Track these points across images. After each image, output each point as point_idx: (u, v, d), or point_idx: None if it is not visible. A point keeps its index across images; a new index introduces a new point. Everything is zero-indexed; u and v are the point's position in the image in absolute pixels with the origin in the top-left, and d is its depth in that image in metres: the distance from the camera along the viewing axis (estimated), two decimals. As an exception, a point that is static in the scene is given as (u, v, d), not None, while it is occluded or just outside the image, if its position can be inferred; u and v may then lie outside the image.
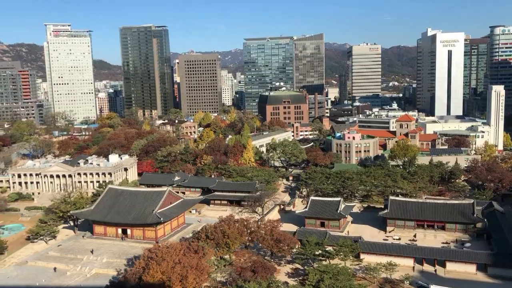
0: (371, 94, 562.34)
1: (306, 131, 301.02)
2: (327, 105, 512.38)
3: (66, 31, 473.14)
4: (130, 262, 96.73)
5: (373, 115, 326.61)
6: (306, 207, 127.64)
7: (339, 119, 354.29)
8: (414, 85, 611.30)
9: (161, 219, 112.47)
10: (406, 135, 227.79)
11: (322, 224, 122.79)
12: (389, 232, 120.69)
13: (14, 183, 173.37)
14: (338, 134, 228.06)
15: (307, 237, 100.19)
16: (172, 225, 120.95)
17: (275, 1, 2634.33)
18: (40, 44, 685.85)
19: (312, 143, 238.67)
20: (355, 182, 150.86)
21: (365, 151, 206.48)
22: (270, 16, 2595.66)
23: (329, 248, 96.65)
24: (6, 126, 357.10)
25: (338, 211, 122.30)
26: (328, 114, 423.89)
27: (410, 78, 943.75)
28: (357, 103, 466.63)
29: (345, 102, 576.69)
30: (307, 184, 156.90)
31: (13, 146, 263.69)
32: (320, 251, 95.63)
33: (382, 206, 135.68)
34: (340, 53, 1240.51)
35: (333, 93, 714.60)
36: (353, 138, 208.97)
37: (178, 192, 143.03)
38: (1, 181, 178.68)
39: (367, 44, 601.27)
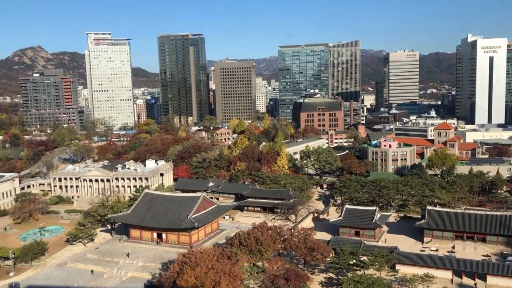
0: (408, 101, 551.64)
1: (341, 138, 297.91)
2: (362, 112, 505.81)
3: (106, 40, 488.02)
4: (165, 267, 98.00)
5: (410, 122, 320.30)
6: (340, 216, 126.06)
7: (375, 127, 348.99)
8: (453, 93, 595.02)
9: (195, 224, 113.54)
10: (445, 143, 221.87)
11: (357, 234, 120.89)
12: (426, 243, 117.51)
13: (55, 186, 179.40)
14: (374, 142, 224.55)
15: (341, 246, 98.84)
16: (206, 230, 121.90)
17: (311, 9, 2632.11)
18: (81, 52, 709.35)
19: (347, 151, 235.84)
20: (391, 191, 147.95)
21: (402, 159, 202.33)
22: (305, 23, 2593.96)
23: (363, 258, 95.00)
24: (48, 131, 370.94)
25: (374, 221, 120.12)
26: (363, 122, 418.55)
27: (449, 85, 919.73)
28: (394, 111, 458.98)
29: (382, 109, 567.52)
30: (341, 193, 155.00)
31: (55, 151, 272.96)
32: (354, 261, 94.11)
33: (419, 216, 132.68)
34: (376, 59, 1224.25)
35: (369, 100, 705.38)
36: (390, 146, 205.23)
37: (212, 198, 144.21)
38: (43, 184, 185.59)
39: (404, 51, 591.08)
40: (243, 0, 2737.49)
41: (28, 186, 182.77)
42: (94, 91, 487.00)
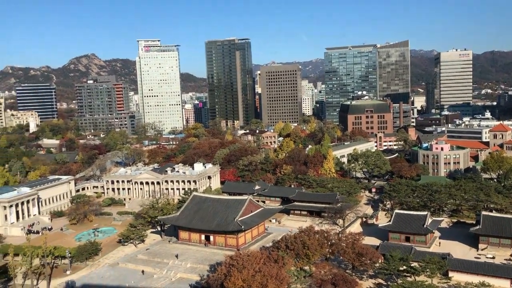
0: (461, 102, 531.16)
1: (390, 141, 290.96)
2: (412, 114, 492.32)
3: (156, 46, 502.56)
4: (213, 268, 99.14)
5: (463, 124, 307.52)
6: (390, 221, 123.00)
7: (426, 129, 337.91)
8: (510, 93, 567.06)
9: (242, 227, 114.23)
10: (501, 146, 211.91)
11: (407, 239, 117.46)
12: (482, 250, 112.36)
13: (107, 189, 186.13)
14: (425, 145, 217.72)
15: (391, 252, 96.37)
16: (253, 233, 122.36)
17: (359, 11, 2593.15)
18: (132, 59, 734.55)
19: (396, 154, 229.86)
20: (444, 195, 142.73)
21: (454, 163, 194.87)
22: (352, 25, 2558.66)
23: (414, 264, 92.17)
24: (102, 135, 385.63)
25: (425, 226, 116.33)
26: (414, 124, 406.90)
27: (505, 85, 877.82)
28: (445, 112, 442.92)
29: (433, 111, 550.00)
30: (391, 197, 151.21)
31: (108, 155, 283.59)
32: (404, 267, 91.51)
33: (474, 222, 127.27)
34: (427, 60, 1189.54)
35: (419, 101, 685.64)
36: (442, 149, 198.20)
37: (258, 201, 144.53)
38: (97, 187, 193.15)
39: (456, 50, 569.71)
40: (288, 4, 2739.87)
41: (83, 189, 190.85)
42: (145, 96, 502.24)
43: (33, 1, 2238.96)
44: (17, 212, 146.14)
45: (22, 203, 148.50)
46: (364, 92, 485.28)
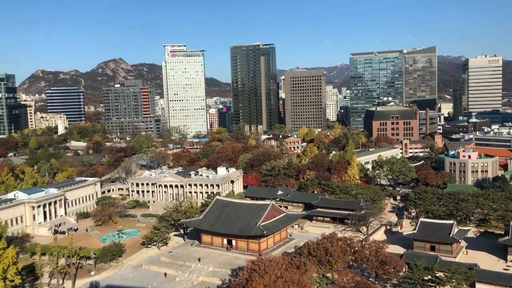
0: (490, 109, 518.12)
1: (416, 148, 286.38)
2: (439, 121, 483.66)
3: (182, 51, 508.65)
4: (234, 273, 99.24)
5: (492, 132, 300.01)
6: (414, 229, 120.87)
7: (453, 136, 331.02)
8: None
9: (264, 232, 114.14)
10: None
11: (432, 248, 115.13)
12: (510, 261, 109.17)
13: (132, 191, 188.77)
14: (451, 152, 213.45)
15: (415, 261, 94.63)
16: (275, 238, 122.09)
17: (385, 17, 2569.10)
18: (159, 64, 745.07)
19: (422, 161, 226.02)
20: (471, 204, 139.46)
21: (482, 171, 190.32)
22: (378, 30, 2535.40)
23: (439, 274, 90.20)
24: (128, 138, 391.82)
25: (451, 235, 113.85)
26: (440, 131, 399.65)
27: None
28: (473, 119, 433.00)
29: (460, 118, 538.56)
30: (416, 205, 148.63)
31: (133, 157, 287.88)
32: (429, 277, 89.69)
33: (502, 232, 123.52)
34: (454, 66, 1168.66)
35: (446, 108, 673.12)
36: (469, 157, 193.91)
37: (280, 206, 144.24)
38: (122, 189, 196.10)
39: (485, 56, 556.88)
40: (314, 10, 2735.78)
41: (108, 190, 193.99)
42: (170, 100, 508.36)
43: (64, 8, 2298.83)
44: (44, 213, 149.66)
45: (50, 204, 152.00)
46: (390, 98, 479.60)
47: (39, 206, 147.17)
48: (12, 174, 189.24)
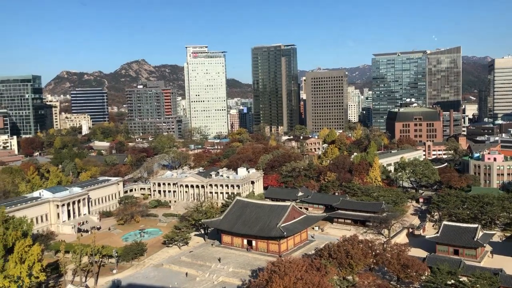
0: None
1: (439, 150, 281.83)
2: (464, 122, 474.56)
3: (204, 53, 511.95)
4: (254, 274, 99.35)
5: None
6: (437, 232, 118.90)
7: (477, 138, 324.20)
8: None
9: (285, 233, 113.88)
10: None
11: (456, 252, 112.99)
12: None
13: (154, 191, 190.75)
14: (476, 155, 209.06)
15: (438, 265, 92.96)
16: (295, 240, 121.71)
17: (408, 17, 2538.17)
18: (180, 65, 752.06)
19: (446, 164, 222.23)
20: (496, 208, 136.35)
21: (508, 174, 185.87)
22: (401, 31, 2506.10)
23: (463, 279, 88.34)
24: (150, 139, 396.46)
25: (475, 239, 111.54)
26: (465, 133, 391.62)
27: None
28: (499, 121, 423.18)
29: (485, 119, 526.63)
30: (439, 208, 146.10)
31: (155, 157, 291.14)
32: (452, 281, 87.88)
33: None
34: (479, 66, 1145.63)
35: (471, 110, 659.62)
36: (494, 159, 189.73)
37: (301, 208, 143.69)
38: (144, 188, 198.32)
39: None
40: (335, 11, 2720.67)
41: (131, 190, 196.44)
42: (192, 101, 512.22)
43: (87, 10, 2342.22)
44: (68, 211, 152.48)
45: (74, 203, 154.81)
46: (413, 99, 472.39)
47: (63, 205, 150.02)
48: (37, 173, 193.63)
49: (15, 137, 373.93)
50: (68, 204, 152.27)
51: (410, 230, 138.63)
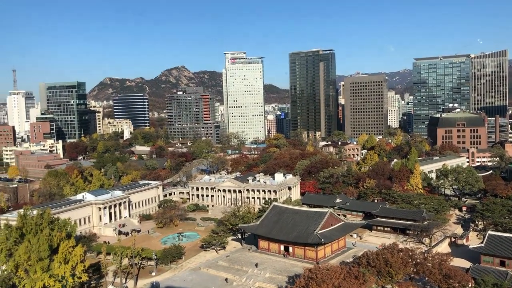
0: None
1: (484, 157, 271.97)
2: (510, 129, 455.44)
3: (242, 59, 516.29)
4: (291, 280, 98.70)
5: None
6: (482, 242, 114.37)
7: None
8: None
9: (322, 240, 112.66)
10: None
11: (502, 263, 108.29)
12: None
13: (192, 195, 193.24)
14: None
15: (483, 276, 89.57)
16: (333, 247, 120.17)
17: (451, 21, 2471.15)
18: (219, 71, 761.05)
19: (491, 171, 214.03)
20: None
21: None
22: (443, 35, 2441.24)
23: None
24: (188, 144, 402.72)
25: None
26: (511, 139, 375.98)
27: None
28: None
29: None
30: (483, 217, 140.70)
31: (193, 162, 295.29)
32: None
33: None
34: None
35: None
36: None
37: (339, 215, 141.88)
38: (183, 192, 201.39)
39: None
40: (375, 15, 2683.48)
41: (170, 194, 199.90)
42: (230, 107, 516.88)
43: (129, 19, 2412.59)
44: (110, 214, 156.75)
45: (115, 205, 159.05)
46: (456, 105, 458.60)
47: (105, 208, 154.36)
48: (81, 176, 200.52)
49: (60, 141, 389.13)
50: (110, 207, 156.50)
51: (453, 239, 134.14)
